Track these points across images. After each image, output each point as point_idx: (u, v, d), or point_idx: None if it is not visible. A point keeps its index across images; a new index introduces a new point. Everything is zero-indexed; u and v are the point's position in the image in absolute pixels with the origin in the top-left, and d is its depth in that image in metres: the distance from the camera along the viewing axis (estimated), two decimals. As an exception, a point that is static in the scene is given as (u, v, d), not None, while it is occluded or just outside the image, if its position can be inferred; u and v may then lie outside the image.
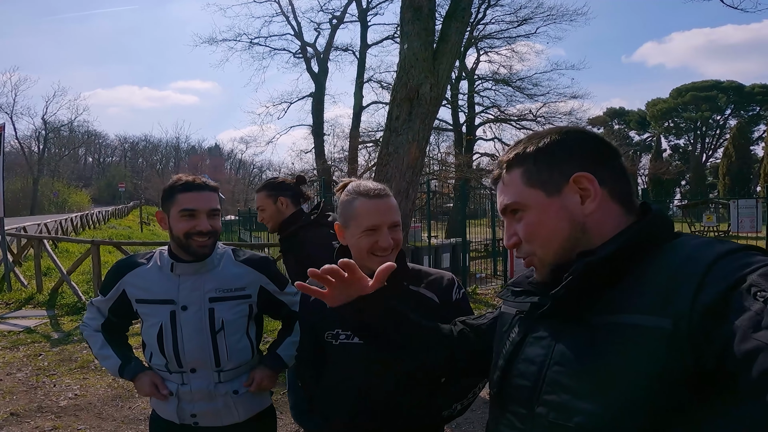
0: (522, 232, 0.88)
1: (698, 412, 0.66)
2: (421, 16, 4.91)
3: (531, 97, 22.40)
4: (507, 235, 0.92)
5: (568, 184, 0.83)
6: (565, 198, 0.84)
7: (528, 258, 0.90)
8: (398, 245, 1.40)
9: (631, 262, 0.77)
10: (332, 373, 1.47)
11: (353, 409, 1.40)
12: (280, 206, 2.49)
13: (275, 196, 2.49)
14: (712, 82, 51.15)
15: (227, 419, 1.68)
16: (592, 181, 0.82)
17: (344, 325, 1.40)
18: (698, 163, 50.19)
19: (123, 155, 70.84)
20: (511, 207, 0.89)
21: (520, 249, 0.90)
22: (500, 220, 10.63)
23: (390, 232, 1.38)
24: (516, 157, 0.89)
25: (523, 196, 0.87)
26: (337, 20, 23.19)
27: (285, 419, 3.59)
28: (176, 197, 1.59)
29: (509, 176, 0.89)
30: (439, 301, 1.43)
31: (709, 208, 23.75)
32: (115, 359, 1.73)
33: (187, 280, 1.63)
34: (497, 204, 0.94)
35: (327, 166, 20.98)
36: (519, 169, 0.88)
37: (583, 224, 0.83)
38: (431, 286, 1.45)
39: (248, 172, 64.03)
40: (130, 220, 34.16)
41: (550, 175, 0.85)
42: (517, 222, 0.89)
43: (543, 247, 0.86)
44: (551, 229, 0.85)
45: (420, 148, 5.12)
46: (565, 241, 0.84)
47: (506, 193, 0.90)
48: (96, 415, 3.67)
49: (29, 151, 44.34)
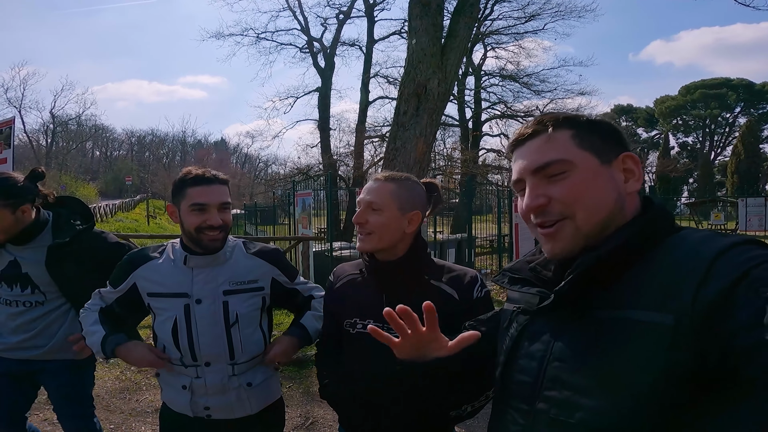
0: (565, 192, 0.81)
1: (701, 407, 0.66)
2: (429, 11, 4.90)
3: (538, 94, 22.35)
4: (532, 195, 0.84)
5: (617, 160, 0.83)
6: (614, 171, 0.83)
7: (557, 224, 0.82)
8: (375, 226, 1.41)
9: (633, 257, 0.77)
10: (348, 361, 1.49)
11: (367, 396, 1.42)
12: (20, 215, 1.96)
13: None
14: (721, 80, 50.66)
15: (239, 412, 1.68)
16: (638, 163, 0.83)
17: (362, 314, 1.44)
18: (707, 161, 49.77)
19: (130, 149, 71.18)
20: (557, 166, 0.81)
21: (547, 212, 0.83)
22: (506, 216, 10.77)
23: (367, 211, 1.42)
24: (566, 119, 0.84)
25: (575, 155, 0.81)
26: (344, 15, 23.13)
27: (291, 412, 3.62)
28: (186, 191, 1.59)
29: (557, 134, 0.83)
30: (459, 297, 1.41)
31: (717, 206, 23.57)
32: (100, 332, 1.65)
33: (200, 273, 1.62)
34: (523, 163, 0.85)
35: (333, 160, 20.96)
36: (570, 130, 0.83)
37: (623, 202, 0.82)
38: (453, 282, 1.44)
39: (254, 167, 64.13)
40: (137, 214, 34.30)
41: (602, 144, 0.83)
42: (553, 183, 0.82)
43: (587, 211, 0.80)
44: (600, 195, 0.81)
45: (427, 143, 5.12)
46: (609, 213, 0.81)
47: (550, 149, 0.82)
48: (104, 408, 3.70)
49: (38, 144, 44.67)
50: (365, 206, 1.43)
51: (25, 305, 2.01)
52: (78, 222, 2.08)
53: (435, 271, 1.47)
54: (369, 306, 1.44)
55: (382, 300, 1.43)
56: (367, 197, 1.43)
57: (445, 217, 17.42)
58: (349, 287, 1.53)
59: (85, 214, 2.14)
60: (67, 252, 1.98)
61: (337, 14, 23.09)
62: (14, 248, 1.98)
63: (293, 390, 4.13)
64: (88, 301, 1.77)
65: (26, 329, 2.01)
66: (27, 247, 1.98)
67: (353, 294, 1.50)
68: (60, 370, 2.09)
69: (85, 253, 2.01)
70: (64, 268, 1.98)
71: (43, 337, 2.03)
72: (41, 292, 2.01)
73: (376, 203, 1.41)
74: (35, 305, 2.01)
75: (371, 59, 22.85)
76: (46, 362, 2.06)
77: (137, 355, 1.62)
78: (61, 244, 1.97)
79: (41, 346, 2.03)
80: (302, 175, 19.22)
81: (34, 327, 2.02)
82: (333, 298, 1.56)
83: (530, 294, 0.89)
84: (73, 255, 1.99)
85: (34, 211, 1.99)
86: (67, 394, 2.15)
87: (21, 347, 2.02)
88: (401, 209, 1.42)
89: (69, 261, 1.98)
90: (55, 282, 2.00)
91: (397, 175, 1.49)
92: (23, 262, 1.98)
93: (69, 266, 1.98)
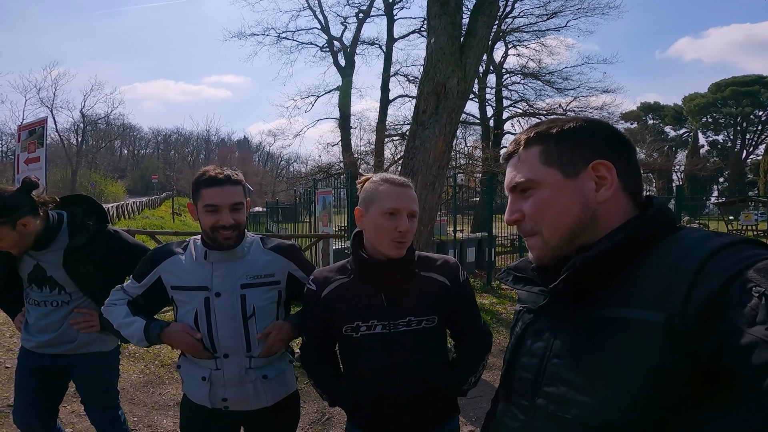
0: (530, 209, 0.87)
1: (695, 406, 0.66)
2: (448, 10, 4.87)
3: (561, 92, 21.95)
4: (510, 211, 0.91)
5: (586, 170, 0.83)
6: (582, 182, 0.83)
7: (530, 237, 0.89)
8: (412, 234, 1.47)
9: (629, 257, 0.77)
10: (355, 365, 1.52)
11: (378, 395, 1.47)
12: (22, 228, 1.96)
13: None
14: (753, 77, 49.06)
15: (256, 404, 1.73)
16: (611, 170, 0.82)
17: (364, 317, 1.47)
18: (738, 160, 48.27)
19: (156, 147, 72.82)
20: (523, 185, 0.87)
21: (522, 226, 0.90)
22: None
23: (408, 219, 1.46)
24: (536, 135, 0.88)
25: (539, 174, 0.86)
26: (364, 14, 23.20)
27: (307, 408, 3.67)
28: (201, 192, 1.65)
29: (526, 153, 0.88)
30: (450, 283, 1.53)
31: (748, 206, 22.85)
32: (141, 321, 1.70)
33: (219, 268, 1.68)
34: (506, 181, 0.92)
35: (354, 159, 21.05)
36: (538, 147, 0.87)
37: (594, 211, 0.83)
38: (441, 270, 1.54)
39: (276, 165, 64.87)
40: (163, 211, 35.04)
41: (570, 157, 0.84)
42: (524, 200, 0.88)
43: (550, 227, 0.85)
44: (562, 209, 0.84)
45: (447, 142, 5.09)
46: (573, 225, 0.83)
47: (520, 169, 0.88)
48: (128, 401, 3.80)
49: (68, 143, 45.94)
50: (410, 215, 1.49)
51: (53, 305, 2.10)
52: (92, 222, 2.14)
53: (422, 263, 1.54)
54: (369, 308, 1.48)
55: (382, 299, 1.47)
56: (414, 206, 1.50)
57: (465, 215, 17.34)
58: (339, 293, 1.52)
59: (99, 213, 2.20)
60: (84, 253, 2.04)
61: (357, 13, 23.20)
62: (35, 253, 2.06)
63: (310, 386, 4.16)
64: (108, 298, 1.83)
65: (55, 328, 2.11)
66: (46, 251, 2.05)
67: (347, 299, 1.50)
68: (88, 363, 2.17)
69: (102, 253, 2.07)
70: (81, 268, 2.05)
71: (70, 333, 2.12)
72: (67, 292, 2.10)
73: (417, 211, 1.50)
74: (61, 305, 2.10)
75: (391, 58, 22.91)
76: (75, 356, 2.15)
77: (179, 337, 1.66)
78: (76, 247, 2.03)
79: (70, 341, 2.12)
80: (323, 173, 19.35)
81: (63, 325, 2.11)
82: (323, 307, 1.53)
83: (534, 293, 0.91)
84: (88, 256, 2.05)
85: (40, 219, 2.01)
86: (94, 387, 2.23)
87: (51, 344, 2.12)
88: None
89: (85, 262, 2.05)
90: (74, 282, 2.07)
91: (404, 181, 1.55)
92: (46, 265, 2.06)
93: (86, 267, 2.05)
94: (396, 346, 1.46)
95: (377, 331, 1.46)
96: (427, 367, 1.48)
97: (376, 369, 1.46)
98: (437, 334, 1.52)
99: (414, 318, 1.47)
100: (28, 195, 1.99)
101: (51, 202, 2.10)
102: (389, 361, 1.46)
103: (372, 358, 1.47)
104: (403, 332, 1.46)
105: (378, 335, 1.46)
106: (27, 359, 2.15)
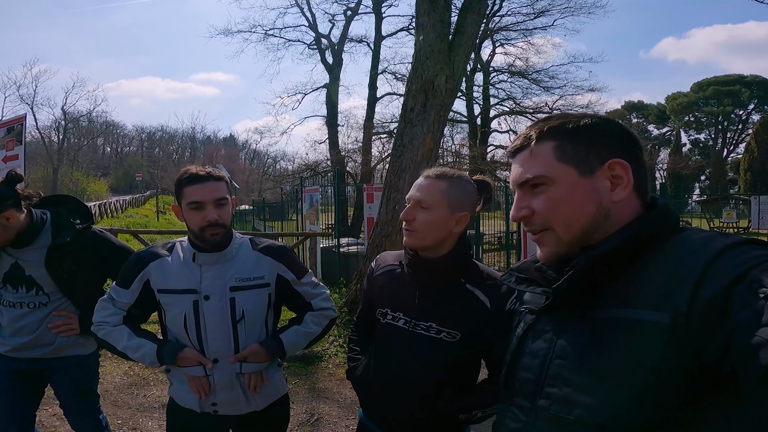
0: (542, 206, 0.84)
1: (699, 407, 0.66)
2: (436, 7, 4.86)
3: (547, 90, 22.12)
4: (517, 207, 0.88)
5: (602, 169, 0.82)
6: (597, 181, 0.82)
7: (540, 233, 0.87)
8: (420, 224, 1.40)
9: (633, 257, 0.77)
10: (376, 346, 1.54)
11: (388, 383, 1.46)
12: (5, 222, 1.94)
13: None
14: (735, 77, 49.93)
15: (245, 408, 1.69)
16: (627, 169, 0.81)
17: (394, 306, 1.48)
18: (719, 159, 49.12)
19: (140, 145, 71.74)
20: (535, 180, 0.85)
21: (531, 222, 0.87)
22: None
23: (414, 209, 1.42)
24: (550, 130, 0.85)
25: (553, 170, 0.83)
26: (352, 11, 23.05)
27: (296, 408, 3.64)
28: (184, 191, 1.62)
29: (539, 148, 0.86)
30: (491, 307, 1.37)
31: (729, 204, 23.27)
32: (151, 344, 1.64)
33: (208, 270, 1.64)
34: (513, 175, 0.89)
35: (341, 157, 20.96)
36: (552, 142, 0.84)
37: (608, 210, 0.82)
38: (489, 290, 1.40)
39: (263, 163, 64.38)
40: (147, 209, 34.62)
41: (586, 154, 0.82)
42: (535, 196, 0.86)
43: (564, 224, 0.83)
44: (577, 208, 0.82)
45: (435, 140, 5.09)
46: (587, 224, 0.82)
47: (531, 164, 0.86)
48: (112, 403, 3.73)
49: (49, 141, 45.06)
50: (414, 203, 1.42)
51: (29, 306, 2.02)
52: (78, 221, 2.08)
53: (475, 276, 1.44)
54: (401, 299, 1.46)
55: (415, 296, 1.44)
56: (417, 194, 1.41)
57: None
58: (387, 277, 1.56)
59: (84, 213, 2.14)
60: (67, 252, 1.98)
61: (345, 10, 23.03)
62: (15, 251, 1.99)
63: (299, 386, 4.14)
64: (95, 307, 1.73)
65: (31, 330, 2.03)
66: (27, 249, 1.99)
67: (389, 284, 1.53)
68: (66, 367, 2.11)
69: (86, 252, 2.02)
70: (63, 267, 1.99)
71: (47, 336, 2.05)
72: (45, 293, 2.02)
73: (426, 201, 1.39)
74: (39, 306, 2.03)
75: (379, 56, 22.78)
76: (53, 360, 2.08)
77: (188, 360, 1.63)
78: (61, 244, 1.97)
79: (47, 345, 2.05)
80: (310, 171, 19.22)
81: (39, 327, 2.03)
82: (371, 286, 1.61)
83: (536, 294, 0.90)
84: (72, 255, 1.99)
85: (24, 214, 1.96)
86: (73, 390, 2.17)
87: (27, 347, 2.04)
88: (450, 209, 1.39)
89: (69, 261, 1.99)
90: (55, 282, 2.01)
91: (450, 172, 1.44)
92: (25, 264, 1.99)
93: (69, 266, 1.99)
94: (410, 346, 1.42)
95: (399, 324, 1.45)
96: (432, 381, 1.39)
97: (390, 357, 1.46)
98: (457, 352, 1.39)
99: (435, 326, 1.40)
100: (13, 188, 1.94)
101: (35, 196, 2.04)
102: (398, 359, 1.44)
103: (385, 349, 1.48)
104: (421, 335, 1.41)
105: (398, 328, 1.45)
106: (1, 364, 2.07)
